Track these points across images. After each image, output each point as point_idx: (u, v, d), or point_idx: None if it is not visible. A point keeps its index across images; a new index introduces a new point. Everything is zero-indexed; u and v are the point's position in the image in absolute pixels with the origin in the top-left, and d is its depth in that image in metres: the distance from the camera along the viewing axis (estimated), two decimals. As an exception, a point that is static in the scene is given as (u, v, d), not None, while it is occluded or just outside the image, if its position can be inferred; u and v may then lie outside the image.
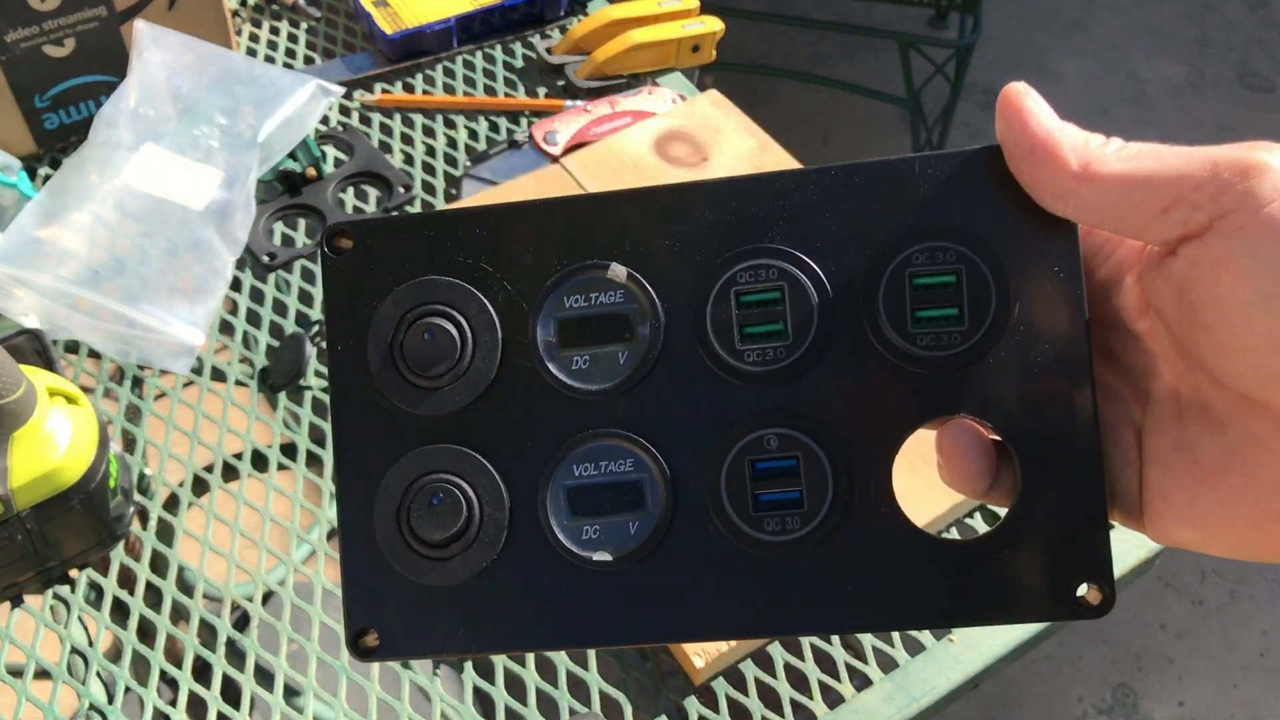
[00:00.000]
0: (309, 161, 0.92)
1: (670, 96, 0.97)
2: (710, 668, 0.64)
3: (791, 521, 0.30)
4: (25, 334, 0.72)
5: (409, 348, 0.32)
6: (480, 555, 0.32)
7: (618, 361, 0.32)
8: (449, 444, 0.32)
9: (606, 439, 0.32)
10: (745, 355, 0.31)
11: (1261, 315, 0.24)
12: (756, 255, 0.31)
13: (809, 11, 2.48)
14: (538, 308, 0.32)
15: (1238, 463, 0.26)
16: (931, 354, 0.30)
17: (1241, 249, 0.24)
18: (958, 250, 0.30)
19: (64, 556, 0.67)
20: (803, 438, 0.31)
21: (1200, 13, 2.70)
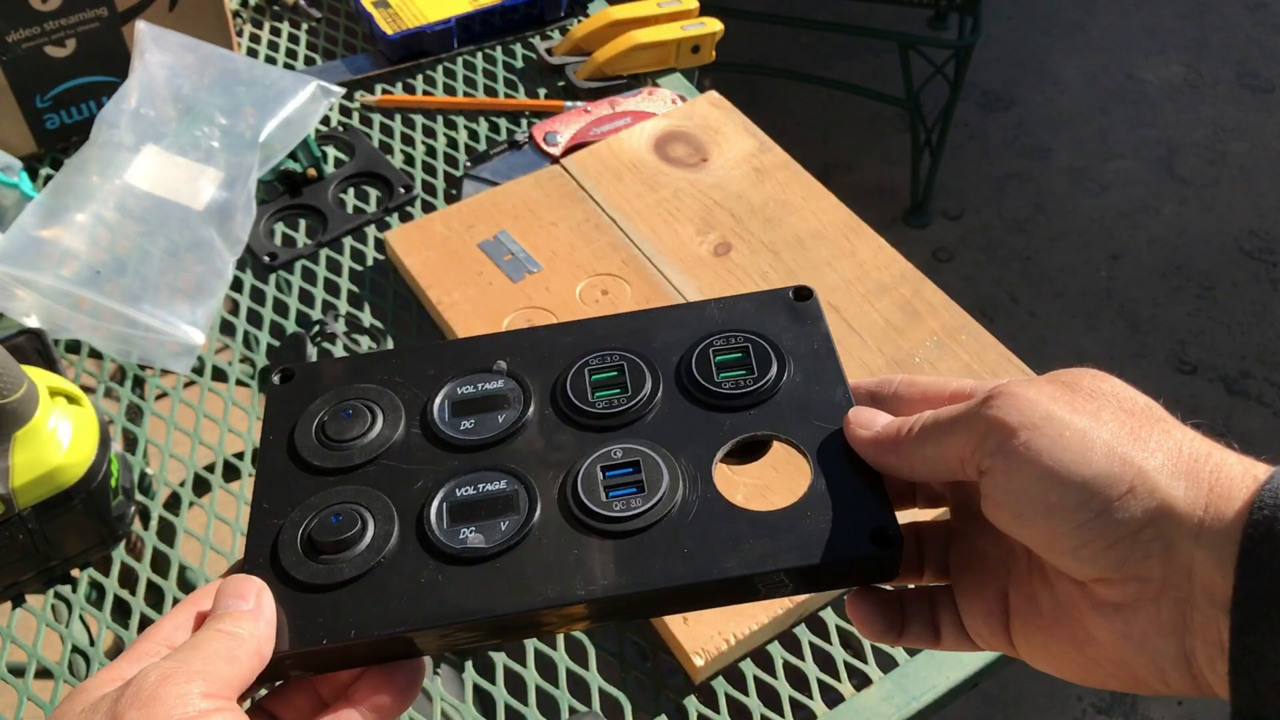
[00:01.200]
0: (309, 162, 0.92)
1: (670, 97, 0.97)
2: (710, 666, 0.64)
3: (635, 501, 0.38)
4: (27, 334, 0.72)
5: (329, 423, 0.41)
6: (369, 557, 0.37)
7: (498, 421, 0.41)
8: (354, 485, 0.39)
9: (486, 469, 0.39)
10: (595, 403, 0.40)
11: (1021, 527, 0.33)
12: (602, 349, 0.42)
13: (808, 12, 2.48)
14: (436, 393, 0.41)
15: (1060, 615, 0.34)
16: (731, 391, 0.40)
17: (993, 486, 0.33)
18: (745, 334, 0.42)
19: (65, 555, 0.67)
20: (640, 448, 0.39)
21: (1199, 13, 2.70)
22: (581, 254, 0.83)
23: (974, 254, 2.17)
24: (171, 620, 0.35)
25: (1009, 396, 0.33)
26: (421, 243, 0.84)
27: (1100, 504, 0.31)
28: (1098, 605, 0.32)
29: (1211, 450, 0.32)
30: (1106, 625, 0.32)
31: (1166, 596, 0.31)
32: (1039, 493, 0.32)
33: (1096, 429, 0.32)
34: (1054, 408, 0.32)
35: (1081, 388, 0.33)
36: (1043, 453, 0.32)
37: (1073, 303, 2.09)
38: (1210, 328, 2.06)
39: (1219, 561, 0.30)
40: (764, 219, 0.86)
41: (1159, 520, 0.31)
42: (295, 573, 0.37)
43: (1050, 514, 0.32)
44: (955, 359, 0.77)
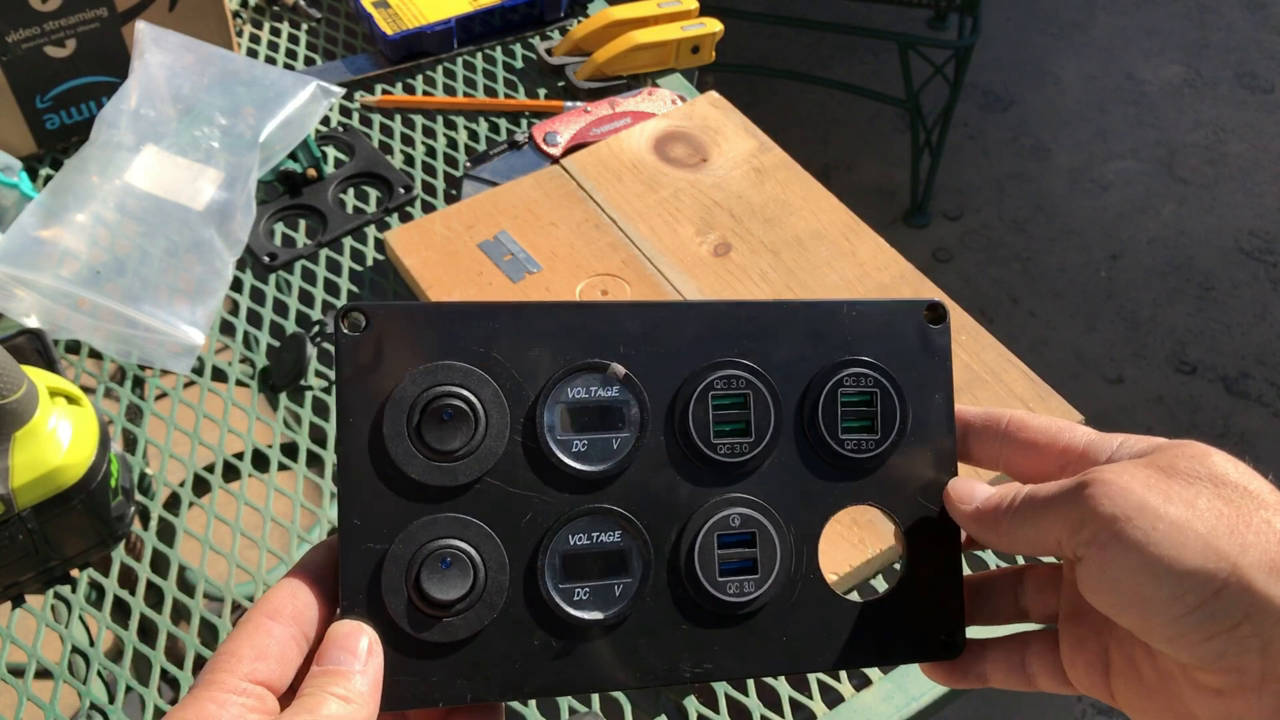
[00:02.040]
0: (309, 162, 0.92)
1: (670, 97, 0.97)
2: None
3: (748, 586, 0.37)
4: (26, 334, 0.72)
5: (427, 424, 0.35)
6: (482, 614, 0.35)
7: (611, 446, 0.37)
8: (458, 513, 0.35)
9: (599, 513, 0.36)
10: (718, 448, 0.37)
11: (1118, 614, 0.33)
12: (727, 366, 0.38)
13: (808, 12, 2.48)
14: (544, 395, 0.36)
15: (1162, 687, 0.34)
16: (852, 454, 0.38)
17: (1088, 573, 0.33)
18: (876, 375, 0.39)
19: (65, 556, 0.67)
20: (757, 515, 0.37)
21: (1199, 14, 2.71)
22: (581, 254, 0.83)
23: (974, 254, 2.17)
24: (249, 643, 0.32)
25: (1104, 485, 0.33)
26: (421, 243, 0.84)
27: (1195, 600, 0.31)
28: (1199, 687, 0.33)
29: None
30: (1206, 707, 0.33)
31: (1268, 688, 0.31)
32: (1133, 585, 0.32)
33: (1192, 520, 0.32)
34: (1149, 497, 0.32)
35: (1179, 471, 0.33)
36: (1136, 546, 0.32)
37: (1072, 303, 2.09)
38: (1210, 328, 2.06)
39: None
40: (764, 219, 0.86)
41: (1255, 617, 0.31)
42: (406, 626, 0.34)
43: (1145, 606, 0.32)
44: (955, 359, 0.76)
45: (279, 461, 0.77)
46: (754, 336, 0.38)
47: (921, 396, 0.39)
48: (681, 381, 0.37)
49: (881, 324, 0.39)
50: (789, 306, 0.39)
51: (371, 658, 0.33)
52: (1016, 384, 0.75)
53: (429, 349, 0.35)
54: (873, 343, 0.39)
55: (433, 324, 0.36)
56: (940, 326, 0.40)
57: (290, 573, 0.35)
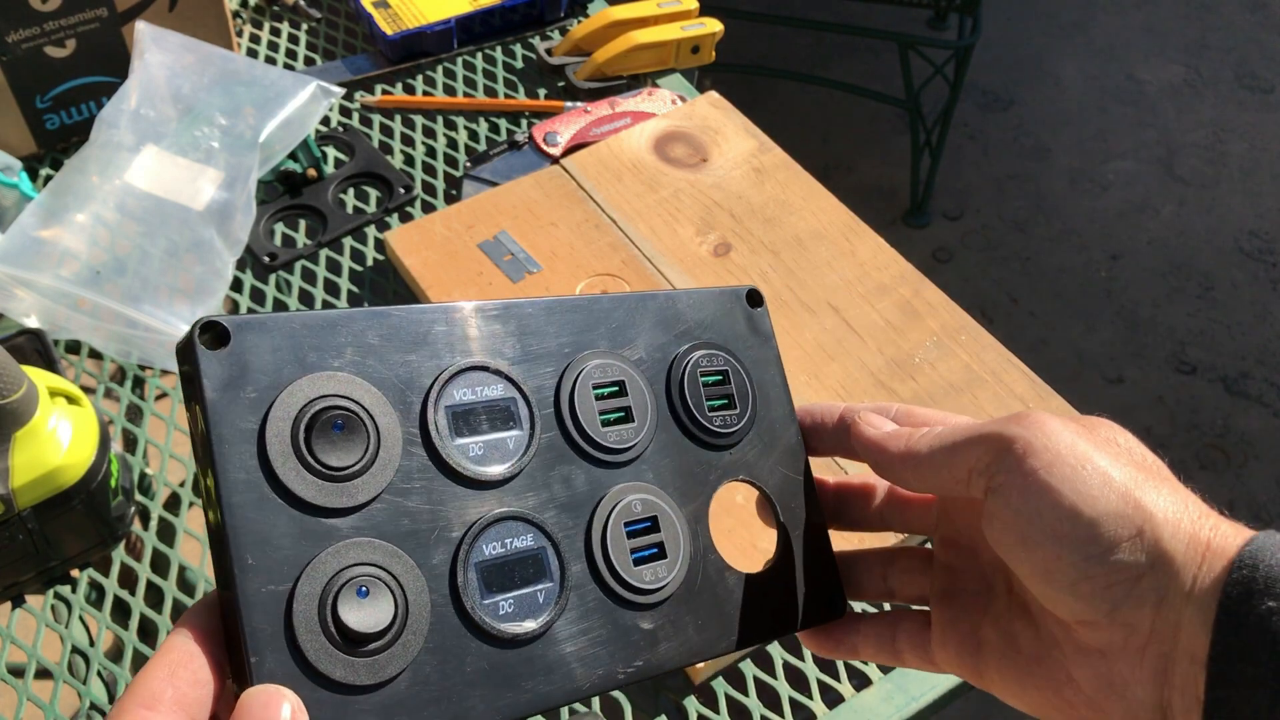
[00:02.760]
0: (309, 162, 0.92)
1: (670, 97, 0.97)
2: (710, 667, 0.64)
3: (661, 571, 0.37)
4: (26, 334, 0.72)
5: (318, 440, 0.32)
6: (410, 644, 0.32)
7: (508, 446, 0.35)
8: (364, 537, 0.32)
9: (507, 519, 0.35)
10: (607, 436, 0.38)
11: (1024, 551, 0.33)
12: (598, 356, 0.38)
13: (808, 12, 2.48)
14: (431, 401, 0.34)
15: (1041, 655, 0.34)
16: (720, 430, 0.40)
17: (1003, 503, 0.33)
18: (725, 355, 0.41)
19: (65, 556, 0.67)
20: (655, 499, 0.38)
21: (1199, 14, 2.71)
22: (581, 254, 0.83)
23: (974, 254, 2.17)
24: None
25: (1034, 420, 0.33)
26: (421, 243, 0.84)
27: (1109, 542, 0.31)
28: (1081, 649, 0.33)
29: (1211, 512, 0.32)
30: (1089, 669, 0.33)
31: (1151, 649, 0.31)
32: (1052, 520, 0.32)
33: (1115, 469, 0.32)
34: (1079, 441, 0.33)
35: (1101, 432, 0.34)
36: (1064, 481, 0.32)
37: (1072, 303, 2.09)
38: (1210, 328, 2.06)
39: (1203, 623, 0.30)
40: (764, 219, 0.86)
41: (1159, 569, 0.31)
42: (331, 672, 0.30)
43: (1059, 543, 0.32)
44: (955, 359, 0.77)
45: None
46: (615, 328, 0.39)
47: (760, 373, 0.42)
48: (559, 376, 0.37)
49: (714, 310, 0.42)
50: (635, 298, 0.41)
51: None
52: (1016, 384, 0.75)
53: (303, 361, 0.32)
54: (712, 327, 0.42)
55: (300, 334, 0.33)
56: (760, 310, 0.43)
57: (166, 644, 0.29)
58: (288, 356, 0.32)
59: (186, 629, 0.30)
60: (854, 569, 0.42)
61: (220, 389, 0.31)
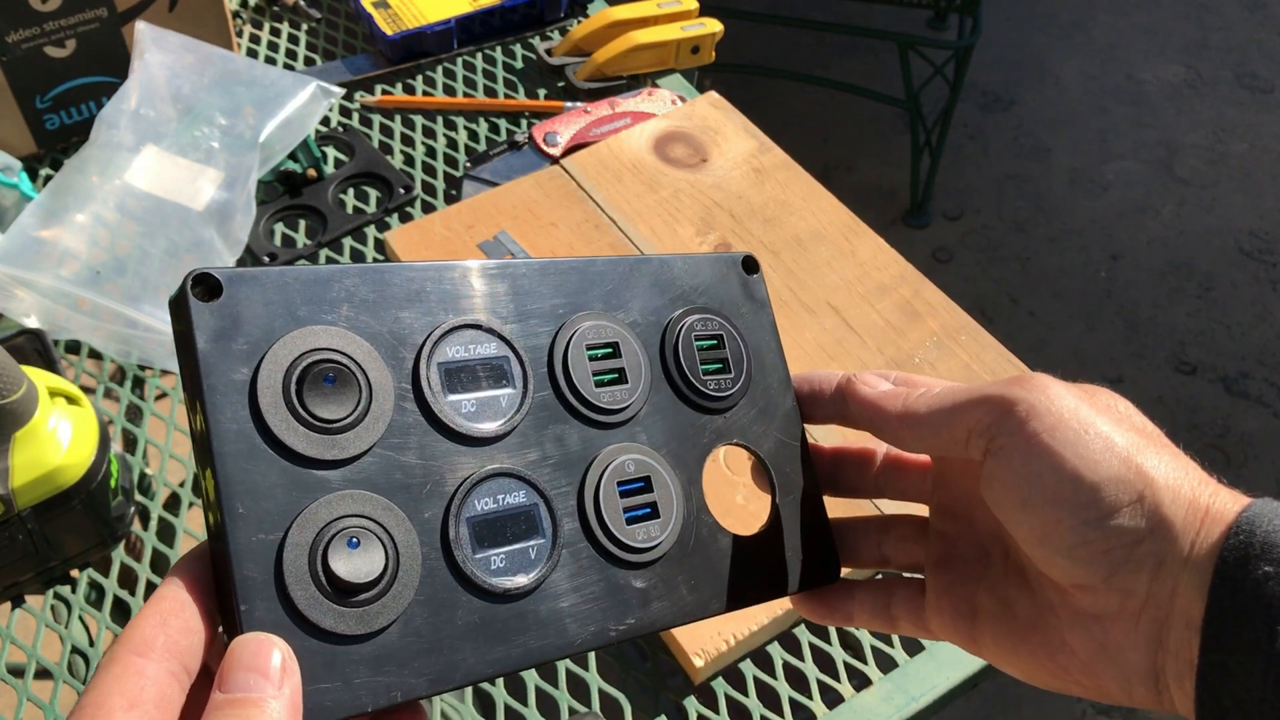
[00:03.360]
0: (309, 162, 0.92)
1: (670, 98, 0.97)
2: (709, 667, 0.64)
3: (654, 530, 0.37)
4: (26, 334, 0.72)
5: (309, 393, 0.32)
6: (401, 595, 0.32)
7: (500, 404, 0.35)
8: (355, 489, 0.32)
9: (500, 475, 0.35)
10: (600, 397, 0.38)
11: (1023, 514, 0.33)
12: (593, 317, 0.38)
13: (808, 13, 2.48)
14: (424, 357, 0.34)
15: (1037, 621, 0.34)
16: (716, 395, 0.40)
17: (1004, 465, 0.33)
18: (720, 320, 0.41)
19: (65, 556, 0.67)
20: (648, 460, 0.38)
21: (1199, 14, 2.71)
22: (581, 254, 0.83)
23: (973, 254, 2.17)
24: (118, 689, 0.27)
25: (1037, 383, 0.33)
26: (421, 243, 0.84)
27: (1109, 506, 0.31)
28: (1077, 614, 0.33)
29: (1209, 479, 0.32)
30: (1084, 634, 0.33)
31: (1147, 614, 0.32)
32: (1053, 483, 0.32)
33: (1118, 434, 0.32)
34: (1082, 405, 0.33)
35: (1101, 398, 0.34)
36: (1066, 444, 0.32)
37: (1072, 303, 2.09)
38: (1210, 328, 2.06)
39: (1199, 588, 0.30)
40: (764, 219, 0.86)
41: (1157, 535, 0.31)
42: (321, 621, 0.30)
43: (1058, 506, 0.32)
44: (955, 359, 0.77)
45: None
46: (610, 290, 0.39)
47: (756, 338, 0.42)
48: (553, 336, 0.37)
49: (710, 275, 0.42)
50: (630, 261, 0.40)
51: (287, 676, 0.28)
52: (1016, 384, 0.75)
53: (295, 314, 0.32)
54: (707, 292, 0.42)
55: (293, 288, 0.32)
56: (755, 276, 0.44)
57: (157, 593, 0.29)
58: (280, 310, 0.32)
59: (178, 578, 0.30)
60: (849, 536, 0.42)
61: (212, 340, 0.31)
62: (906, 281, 0.82)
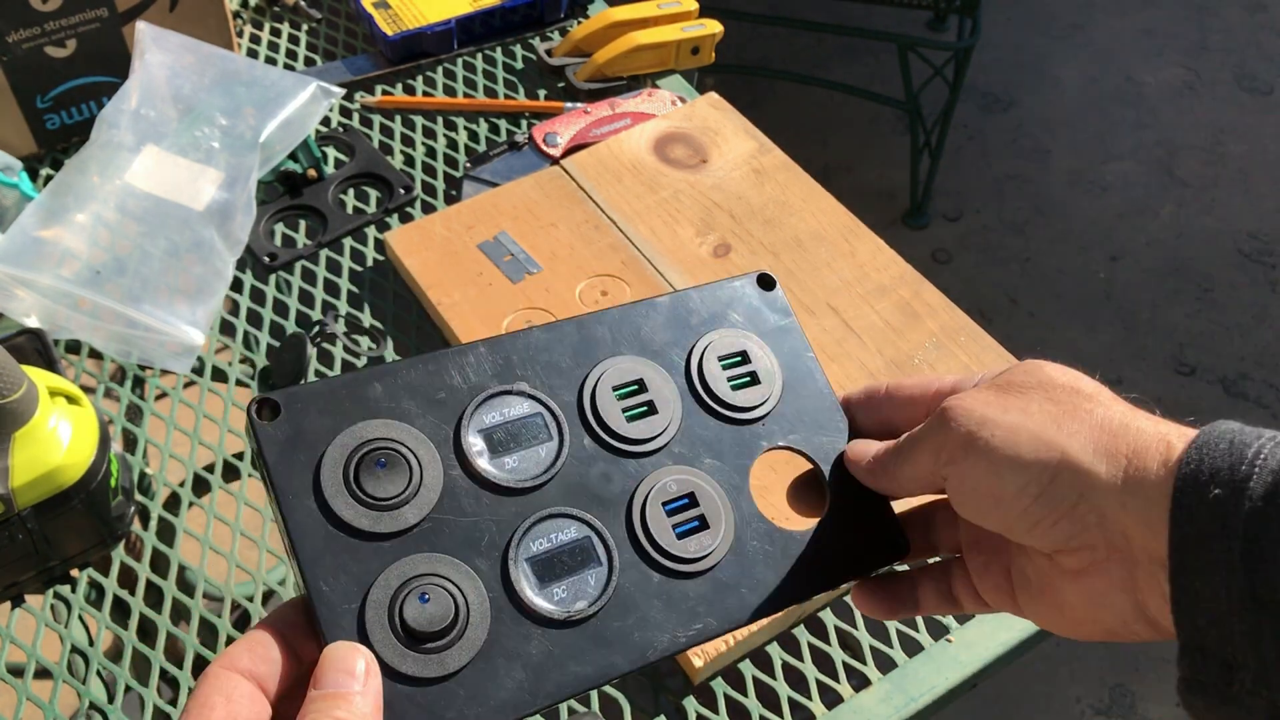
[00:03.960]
0: (310, 162, 0.92)
1: (670, 98, 0.97)
2: (709, 667, 0.64)
3: (705, 540, 0.39)
4: (27, 334, 0.73)
5: (365, 478, 0.37)
6: (474, 639, 0.36)
7: (539, 456, 0.39)
8: (420, 553, 0.36)
9: (550, 517, 0.38)
10: (633, 432, 0.40)
11: (983, 518, 0.37)
12: (617, 362, 0.41)
13: (808, 14, 2.48)
14: (463, 427, 0.38)
15: (1041, 584, 0.38)
16: (748, 408, 0.42)
17: (954, 491, 0.37)
18: (738, 335, 0.43)
19: (65, 556, 0.67)
20: (690, 478, 0.40)
21: (1198, 16, 2.71)
22: (581, 255, 0.83)
23: (973, 255, 2.17)
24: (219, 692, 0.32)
25: (950, 411, 0.37)
26: (421, 243, 0.84)
27: (1036, 489, 0.35)
28: (1065, 573, 0.36)
29: (1128, 421, 0.35)
30: (1074, 589, 0.36)
31: (1113, 559, 0.35)
32: (986, 488, 0.36)
33: (1024, 422, 0.36)
34: (987, 411, 0.37)
35: (1015, 385, 0.37)
36: (983, 453, 0.36)
37: (1071, 304, 2.09)
38: (1209, 329, 2.06)
39: (1148, 522, 0.33)
40: (764, 220, 0.86)
41: (1089, 495, 0.34)
42: (403, 668, 0.35)
43: (999, 505, 0.36)
44: (954, 360, 0.77)
45: (279, 461, 0.77)
46: (628, 334, 0.42)
47: (784, 346, 0.44)
48: (579, 386, 0.41)
49: (727, 299, 0.45)
50: (646, 304, 0.43)
51: (370, 678, 0.33)
52: (1015, 385, 0.75)
53: (344, 415, 0.37)
54: (726, 314, 0.44)
55: (340, 394, 0.38)
56: (773, 292, 0.45)
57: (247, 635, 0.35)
58: (332, 414, 0.37)
59: (263, 626, 0.35)
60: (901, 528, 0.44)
61: (279, 453, 0.36)
62: (906, 282, 0.82)
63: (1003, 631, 0.67)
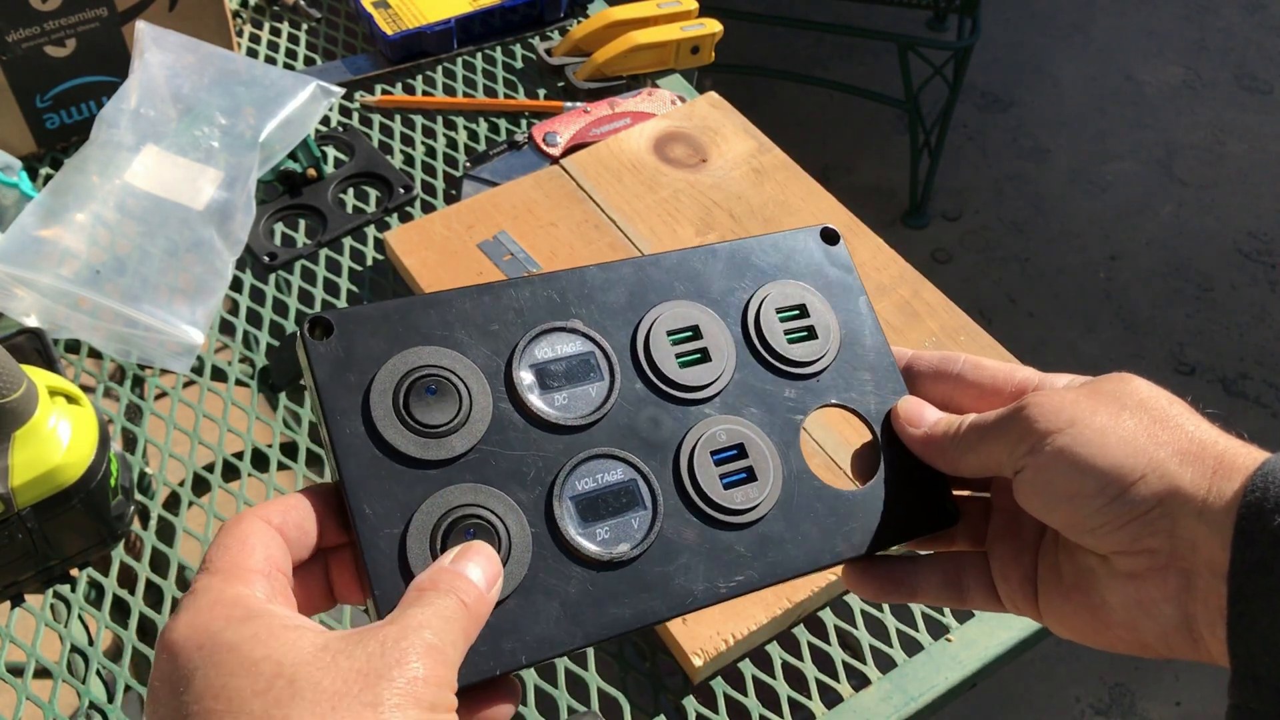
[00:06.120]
0: (309, 162, 0.92)
1: (669, 98, 0.97)
2: (708, 667, 0.64)
3: (752, 492, 0.39)
4: (26, 333, 0.73)
5: (415, 404, 0.36)
6: (515, 573, 0.35)
7: (590, 395, 0.39)
8: (465, 482, 0.36)
9: (597, 456, 0.38)
10: (686, 378, 0.40)
11: (1050, 512, 0.37)
12: (673, 305, 0.41)
13: (807, 13, 2.49)
14: (516, 360, 0.38)
15: (1080, 583, 0.38)
16: (804, 362, 0.42)
17: (1027, 481, 0.37)
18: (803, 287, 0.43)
19: (64, 555, 0.67)
20: (740, 429, 0.40)
21: (1198, 15, 2.71)
22: (581, 254, 0.83)
23: (973, 255, 2.17)
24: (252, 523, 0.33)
25: (1038, 405, 0.37)
26: (421, 243, 0.84)
27: (1115, 489, 0.35)
28: (1114, 574, 0.36)
29: (1219, 439, 0.36)
30: (1120, 592, 0.36)
31: (1173, 567, 0.35)
32: (1063, 483, 0.36)
33: (1115, 426, 0.36)
34: (1077, 411, 0.37)
35: (1104, 392, 0.37)
36: (1065, 450, 0.36)
37: (1071, 304, 2.09)
38: (1208, 329, 2.06)
39: (1220, 536, 0.33)
40: (763, 220, 0.86)
41: (1166, 501, 0.34)
42: None
43: (1073, 500, 0.36)
44: (954, 360, 0.77)
45: (278, 461, 0.77)
46: (686, 278, 0.42)
47: (843, 303, 0.43)
48: (634, 328, 0.40)
49: (789, 250, 0.44)
50: (707, 250, 0.43)
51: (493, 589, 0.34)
52: (1015, 384, 0.75)
53: (397, 340, 0.37)
54: (786, 266, 0.43)
55: (394, 318, 0.37)
56: (837, 247, 0.45)
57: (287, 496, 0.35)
58: (384, 338, 0.37)
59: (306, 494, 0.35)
60: None
61: (329, 373, 0.36)
62: (906, 282, 0.82)
63: (1002, 630, 0.67)
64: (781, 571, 0.39)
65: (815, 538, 0.39)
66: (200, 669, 0.28)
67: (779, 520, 0.39)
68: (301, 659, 0.29)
